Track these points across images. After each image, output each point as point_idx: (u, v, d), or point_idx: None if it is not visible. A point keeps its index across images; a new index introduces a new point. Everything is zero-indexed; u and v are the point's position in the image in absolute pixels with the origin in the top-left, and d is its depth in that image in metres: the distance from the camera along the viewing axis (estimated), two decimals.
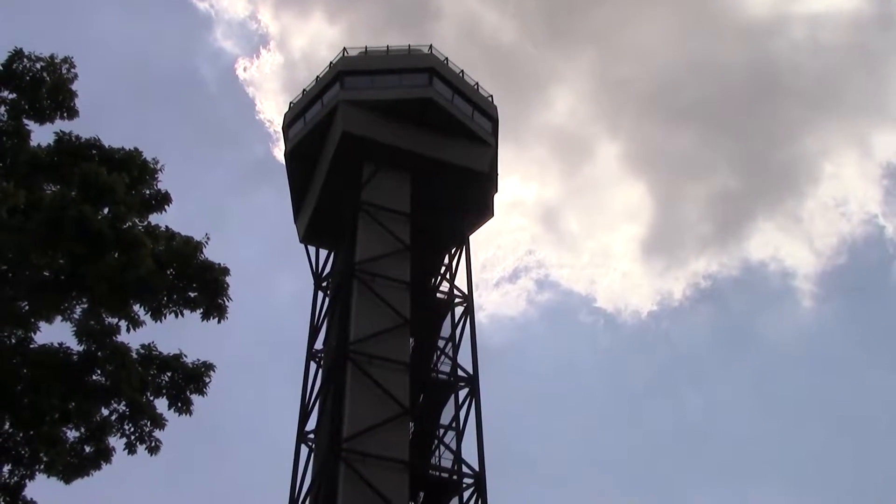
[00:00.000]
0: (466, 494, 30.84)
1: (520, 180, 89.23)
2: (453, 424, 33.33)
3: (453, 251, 38.86)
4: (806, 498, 76.57)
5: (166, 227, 15.15)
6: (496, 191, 40.84)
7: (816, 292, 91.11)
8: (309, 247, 40.08)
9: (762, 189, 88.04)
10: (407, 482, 29.39)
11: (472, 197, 39.07)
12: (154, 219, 15.17)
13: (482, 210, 39.97)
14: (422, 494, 31.90)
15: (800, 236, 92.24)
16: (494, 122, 40.56)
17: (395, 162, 37.75)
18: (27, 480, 16.74)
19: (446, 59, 40.17)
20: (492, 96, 41.01)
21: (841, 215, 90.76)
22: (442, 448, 33.22)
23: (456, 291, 37.14)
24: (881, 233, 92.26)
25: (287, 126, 40.97)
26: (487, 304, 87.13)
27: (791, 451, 77.99)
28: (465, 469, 31.36)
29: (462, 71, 40.42)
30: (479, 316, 34.59)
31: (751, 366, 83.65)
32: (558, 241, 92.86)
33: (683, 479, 77.10)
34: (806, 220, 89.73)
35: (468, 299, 36.54)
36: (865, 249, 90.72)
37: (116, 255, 13.62)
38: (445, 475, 31.85)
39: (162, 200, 15.12)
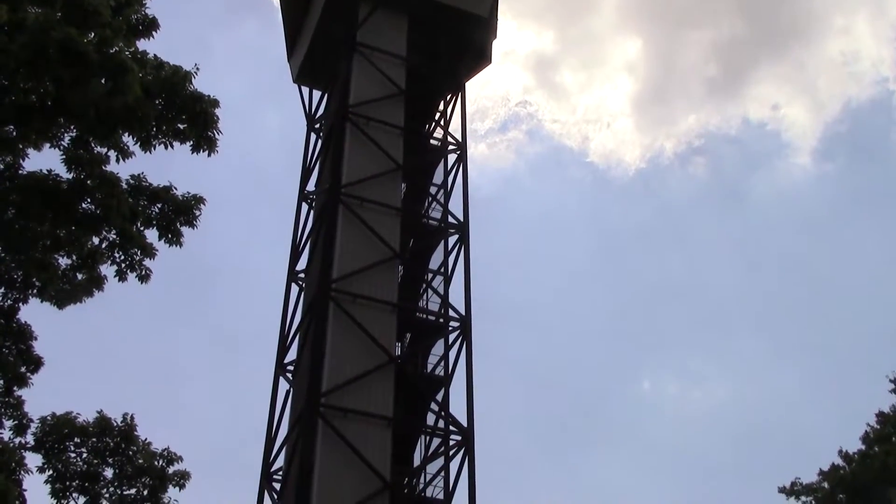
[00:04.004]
0: (452, 337, 31.62)
1: (516, 28, 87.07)
2: (442, 270, 33.81)
3: (448, 97, 38.28)
4: (784, 352, 79.06)
5: (154, 55, 14.84)
6: (495, 37, 39.82)
7: (814, 154, 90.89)
8: (302, 87, 39.40)
9: (766, 41, 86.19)
10: (395, 323, 30.09)
11: (470, 42, 38.13)
12: (141, 45, 14.83)
13: (479, 56, 39.09)
14: (408, 335, 32.71)
15: (802, 96, 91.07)
16: None
17: (392, 2, 36.64)
18: (21, 304, 17.18)
19: None
20: None
21: (849, 75, 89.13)
22: (430, 292, 33.79)
23: (450, 138, 36.85)
24: (889, 98, 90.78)
25: None
26: (476, 154, 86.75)
27: (772, 307, 79.83)
28: (451, 313, 32.03)
29: None
30: (469, 166, 34.67)
31: (739, 225, 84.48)
32: (552, 94, 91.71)
33: (664, 329, 79.20)
34: (811, 76, 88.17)
35: (461, 147, 36.32)
36: (871, 114, 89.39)
37: (103, 80, 13.38)
38: (432, 318, 32.56)
39: (149, 26, 14.72)
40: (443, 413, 30.02)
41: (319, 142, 37.50)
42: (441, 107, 38.26)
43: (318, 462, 26.14)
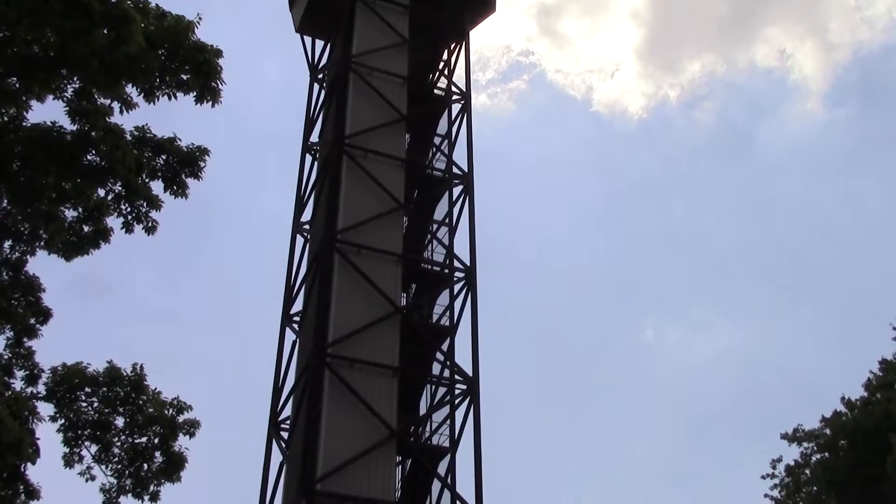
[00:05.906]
0: (457, 287, 31.81)
1: None
2: (446, 220, 33.83)
3: (452, 47, 37.93)
4: (788, 300, 79.21)
5: (156, 4, 14.73)
6: None
7: (824, 100, 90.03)
8: (304, 37, 39.00)
9: None
10: (400, 274, 30.23)
11: None
12: None
13: (484, 4, 38.62)
14: (414, 286, 32.88)
15: (812, 41, 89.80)
16: None
17: None
18: (28, 256, 17.30)
19: None
20: None
21: (862, 20, 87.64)
22: (434, 243, 33.89)
23: (454, 88, 36.61)
24: None
25: None
26: (477, 104, 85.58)
27: (778, 255, 79.67)
28: (456, 263, 32.16)
29: None
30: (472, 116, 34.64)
31: (745, 173, 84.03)
32: (555, 43, 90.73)
33: (668, 277, 79.24)
34: (821, 20, 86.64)
35: (466, 97, 36.10)
36: (883, 60, 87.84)
37: (105, 30, 13.30)
38: (437, 268, 32.71)
39: None
40: (448, 362, 30.30)
41: (323, 92, 37.28)
42: (445, 56, 37.95)
43: (325, 411, 26.48)
